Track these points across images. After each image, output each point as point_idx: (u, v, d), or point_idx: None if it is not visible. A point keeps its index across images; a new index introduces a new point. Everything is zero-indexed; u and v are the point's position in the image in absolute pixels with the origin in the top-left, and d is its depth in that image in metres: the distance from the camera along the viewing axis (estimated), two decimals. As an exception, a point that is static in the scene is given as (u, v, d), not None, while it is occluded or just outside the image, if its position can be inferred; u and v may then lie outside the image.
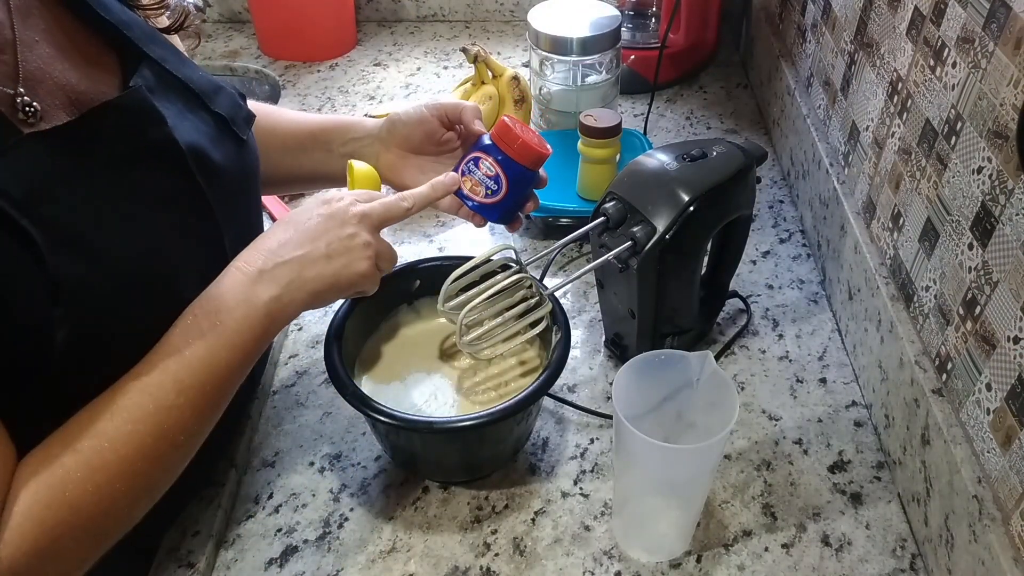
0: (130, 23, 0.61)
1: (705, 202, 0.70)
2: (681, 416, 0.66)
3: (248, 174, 0.69)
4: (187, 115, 0.62)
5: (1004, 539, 0.55)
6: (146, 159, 0.57)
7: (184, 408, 0.54)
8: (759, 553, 0.67)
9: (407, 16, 1.49)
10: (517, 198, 0.74)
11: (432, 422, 0.65)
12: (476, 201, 0.73)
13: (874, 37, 0.81)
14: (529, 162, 0.72)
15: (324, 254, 0.61)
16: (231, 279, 0.58)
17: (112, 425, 0.51)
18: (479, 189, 0.73)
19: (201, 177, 0.60)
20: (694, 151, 0.73)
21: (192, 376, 0.54)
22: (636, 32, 1.30)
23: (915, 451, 0.67)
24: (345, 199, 0.64)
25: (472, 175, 0.73)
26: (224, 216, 0.63)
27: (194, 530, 0.68)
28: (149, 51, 0.61)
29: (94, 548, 0.52)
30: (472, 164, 0.73)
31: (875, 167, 0.80)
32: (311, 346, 0.86)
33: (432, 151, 0.79)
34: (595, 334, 0.87)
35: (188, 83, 0.63)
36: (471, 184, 0.73)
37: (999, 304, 0.57)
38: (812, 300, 0.90)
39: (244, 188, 0.68)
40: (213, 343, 0.55)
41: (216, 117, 0.65)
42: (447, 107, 0.78)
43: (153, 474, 0.54)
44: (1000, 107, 0.57)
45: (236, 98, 0.69)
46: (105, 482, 0.50)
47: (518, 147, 0.71)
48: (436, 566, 0.66)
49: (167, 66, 0.62)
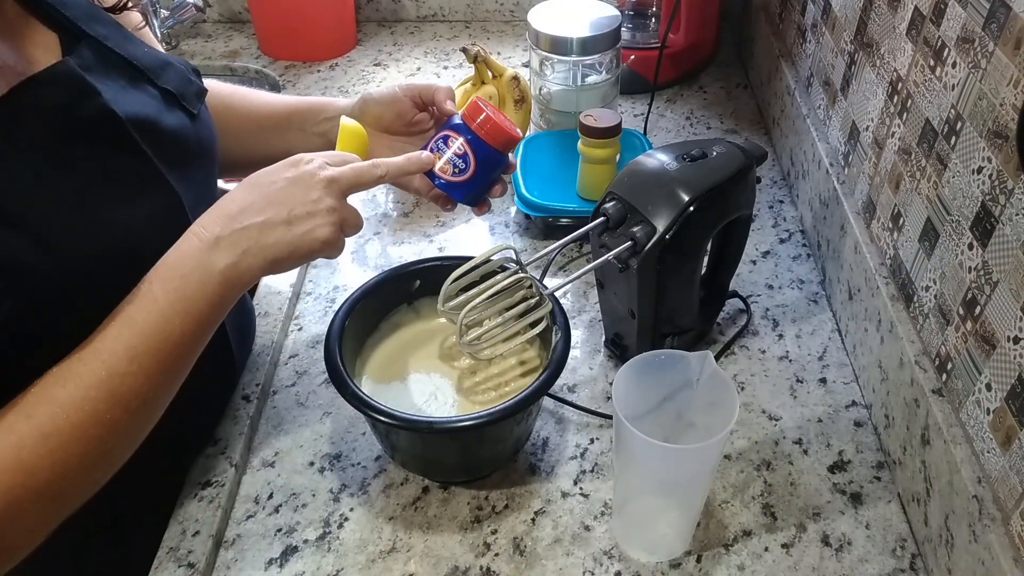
0: (68, 3, 0.61)
1: (705, 202, 0.70)
2: (681, 416, 0.66)
3: (204, 145, 0.68)
4: (130, 90, 0.61)
5: (1004, 539, 0.55)
6: (84, 133, 0.57)
7: (138, 375, 0.54)
8: (759, 553, 0.67)
9: (407, 16, 1.49)
10: (485, 180, 0.74)
11: (432, 422, 0.65)
12: (444, 180, 0.73)
13: (874, 37, 0.81)
14: (498, 144, 0.72)
15: (285, 219, 0.60)
16: (188, 245, 0.58)
17: (65, 392, 0.52)
18: (447, 167, 0.73)
19: (149, 146, 0.60)
20: (694, 151, 0.73)
21: (145, 343, 0.54)
22: (636, 32, 1.30)
23: (915, 451, 0.67)
24: (315, 162, 0.63)
25: (440, 152, 0.73)
26: (182, 185, 0.62)
27: (194, 530, 0.68)
28: (89, 29, 0.61)
29: (54, 512, 0.53)
30: (441, 142, 0.73)
31: (875, 167, 0.80)
32: (311, 346, 0.86)
33: (404, 131, 0.80)
34: (595, 334, 0.87)
35: (132, 60, 0.63)
36: (440, 163, 0.73)
37: (999, 304, 0.57)
38: (812, 300, 0.90)
39: (201, 158, 0.68)
40: (167, 310, 0.55)
41: (164, 92, 0.64)
42: (420, 88, 0.79)
43: (109, 440, 0.54)
44: (1000, 107, 0.57)
45: (186, 73, 0.68)
46: (59, 447, 0.51)
47: (488, 128, 0.71)
48: (436, 566, 0.66)
49: (108, 43, 0.62)
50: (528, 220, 1.01)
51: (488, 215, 1.02)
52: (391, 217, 1.03)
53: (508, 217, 1.02)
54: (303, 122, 0.82)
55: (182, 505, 0.70)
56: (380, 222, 1.02)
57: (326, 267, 0.95)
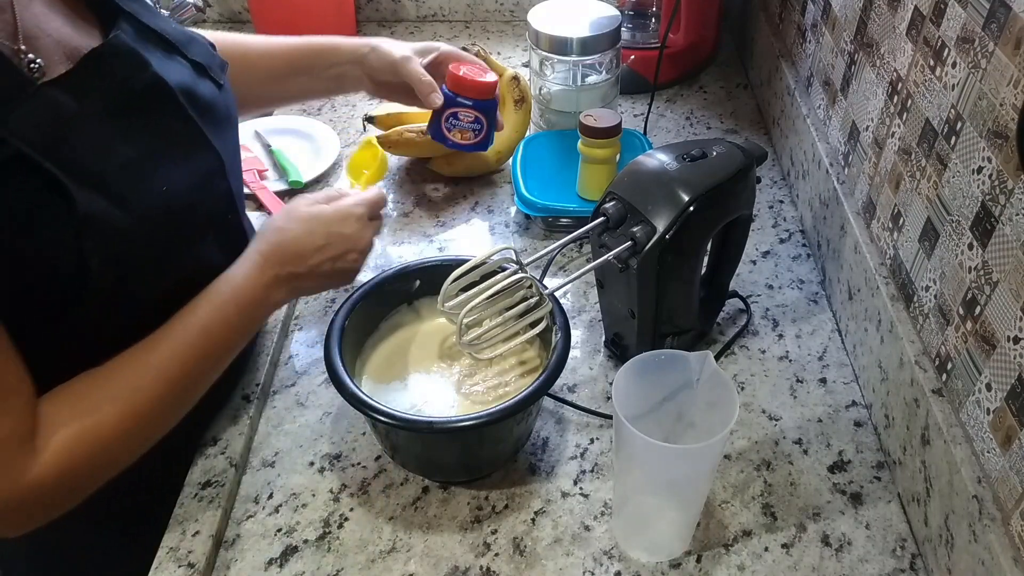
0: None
1: (705, 202, 0.70)
2: (681, 416, 0.66)
3: (231, 112, 0.74)
4: (167, 61, 0.66)
5: (1004, 539, 0.55)
6: (141, 102, 0.62)
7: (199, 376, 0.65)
8: (759, 553, 0.67)
9: (407, 16, 1.49)
10: (493, 124, 0.92)
11: (432, 422, 0.65)
12: (469, 144, 0.91)
13: (874, 37, 0.81)
14: (490, 94, 0.89)
15: (329, 271, 0.73)
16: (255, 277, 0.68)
17: (146, 381, 0.61)
18: (468, 135, 0.91)
19: (194, 112, 0.65)
20: (694, 151, 0.73)
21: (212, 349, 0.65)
22: (636, 32, 1.30)
23: (915, 451, 0.67)
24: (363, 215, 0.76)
25: (458, 127, 0.90)
26: (221, 147, 0.68)
27: (194, 530, 0.68)
28: (125, 5, 0.65)
29: (109, 476, 0.61)
30: (452, 119, 0.89)
31: (875, 167, 0.80)
32: (311, 346, 0.86)
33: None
34: (595, 334, 0.87)
35: (164, 33, 0.67)
36: (460, 135, 0.90)
37: (999, 304, 0.57)
38: (812, 300, 0.90)
39: (228, 122, 0.73)
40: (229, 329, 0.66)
41: (193, 64, 0.69)
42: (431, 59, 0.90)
43: (169, 423, 0.64)
44: (1000, 107, 0.57)
45: (208, 47, 0.73)
46: (136, 429, 0.60)
47: (478, 89, 0.88)
48: (436, 566, 0.66)
49: (142, 19, 0.66)
50: (528, 220, 1.01)
51: (488, 215, 1.02)
52: (391, 217, 1.02)
53: (508, 217, 1.02)
54: (312, 67, 0.89)
55: (182, 505, 0.70)
56: (380, 222, 1.02)
57: (326, 267, 0.95)
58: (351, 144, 1.15)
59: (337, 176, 1.09)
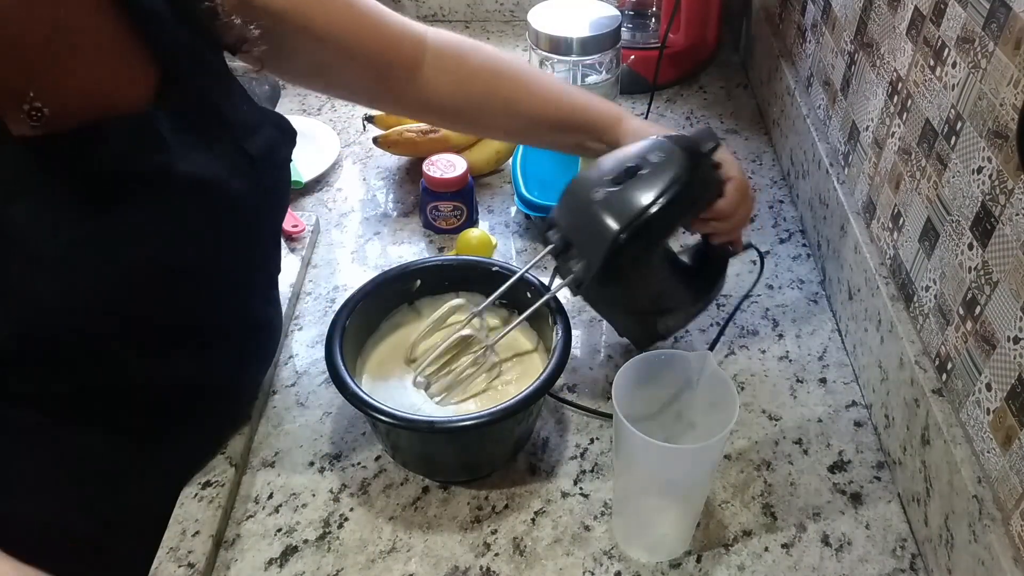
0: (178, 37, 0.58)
1: (641, 228, 0.64)
2: (681, 416, 0.66)
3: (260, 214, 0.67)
4: (204, 150, 0.59)
5: (1004, 539, 0.55)
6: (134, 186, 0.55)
7: None
8: (759, 553, 0.67)
9: (407, 16, 1.48)
10: (473, 205, 0.99)
11: (432, 422, 0.65)
12: (455, 227, 0.98)
13: (874, 37, 0.81)
14: (462, 184, 0.96)
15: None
16: None
17: None
18: (452, 220, 0.98)
19: (206, 213, 0.59)
20: (630, 164, 0.67)
21: None
22: (636, 32, 1.30)
23: (915, 451, 0.67)
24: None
25: (441, 216, 0.97)
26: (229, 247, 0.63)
27: (194, 530, 0.68)
28: (190, 75, 0.59)
29: None
30: (435, 211, 0.97)
31: (875, 167, 0.80)
32: (311, 346, 0.86)
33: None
34: (595, 334, 0.87)
35: (224, 116, 0.61)
36: (445, 222, 0.98)
37: (999, 304, 0.57)
38: (812, 300, 0.90)
39: (259, 221, 0.67)
40: None
41: (242, 154, 0.62)
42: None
43: None
44: (1000, 107, 0.57)
45: (276, 137, 0.66)
46: None
47: (447, 184, 0.95)
48: (436, 566, 0.66)
49: (208, 96, 0.60)
50: (528, 220, 1.01)
51: (488, 215, 1.02)
52: (391, 217, 1.03)
53: (508, 217, 1.02)
54: (584, 135, 0.80)
55: (182, 505, 0.70)
56: (380, 222, 1.02)
57: (326, 267, 0.95)
58: (351, 144, 1.15)
59: (337, 176, 1.09)
